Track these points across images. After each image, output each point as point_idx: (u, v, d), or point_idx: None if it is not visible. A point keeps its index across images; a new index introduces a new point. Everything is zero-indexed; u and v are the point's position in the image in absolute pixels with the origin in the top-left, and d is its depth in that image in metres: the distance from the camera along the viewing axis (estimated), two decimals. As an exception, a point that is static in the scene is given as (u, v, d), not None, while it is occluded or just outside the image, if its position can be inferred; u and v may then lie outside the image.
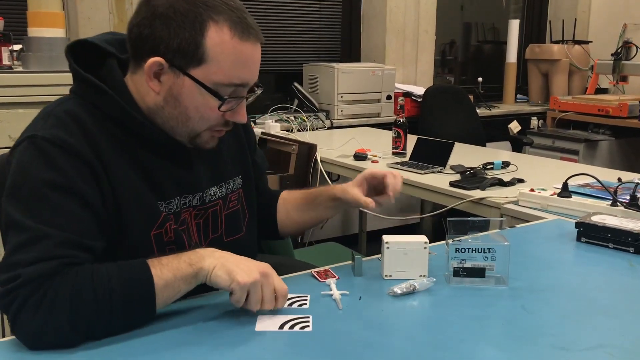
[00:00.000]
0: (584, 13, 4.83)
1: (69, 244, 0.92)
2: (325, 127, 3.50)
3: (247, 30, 1.02)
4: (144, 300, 0.92)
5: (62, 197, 0.94)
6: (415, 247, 1.15)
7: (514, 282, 1.15)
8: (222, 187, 1.20)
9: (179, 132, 1.07)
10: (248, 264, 0.97)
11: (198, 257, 0.96)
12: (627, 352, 0.91)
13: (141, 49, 1.02)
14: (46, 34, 2.43)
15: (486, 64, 4.93)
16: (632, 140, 3.92)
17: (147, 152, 1.06)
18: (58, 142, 0.96)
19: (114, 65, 1.07)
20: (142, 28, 1.01)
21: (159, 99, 1.04)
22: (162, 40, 0.99)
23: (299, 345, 0.91)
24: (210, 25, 0.99)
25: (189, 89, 1.02)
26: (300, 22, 3.96)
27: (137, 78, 1.06)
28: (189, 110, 1.04)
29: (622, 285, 1.19)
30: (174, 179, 1.09)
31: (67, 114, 1.00)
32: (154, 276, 0.92)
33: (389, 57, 4.05)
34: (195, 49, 0.99)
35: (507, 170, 2.33)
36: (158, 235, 1.06)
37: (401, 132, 2.63)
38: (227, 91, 1.03)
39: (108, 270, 0.91)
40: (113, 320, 0.90)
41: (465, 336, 0.95)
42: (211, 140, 1.10)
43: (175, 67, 1.01)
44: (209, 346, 0.90)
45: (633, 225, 1.36)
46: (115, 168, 1.01)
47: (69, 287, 0.88)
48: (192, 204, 1.13)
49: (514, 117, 4.10)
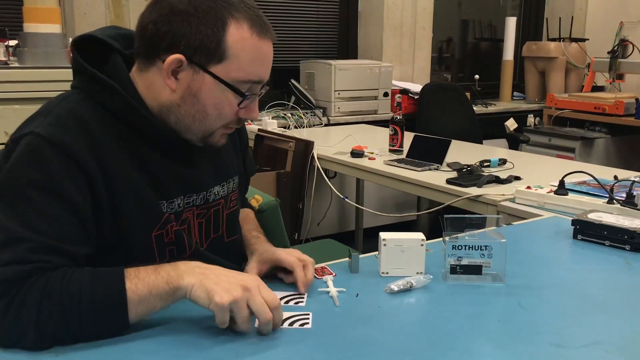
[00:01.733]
0: (580, 11, 4.84)
1: (46, 248, 0.89)
2: (322, 124, 3.50)
3: (264, 28, 1.03)
4: (114, 314, 0.88)
5: (46, 199, 0.91)
6: (412, 244, 1.15)
7: (510, 279, 1.15)
8: (224, 186, 1.19)
9: (193, 130, 1.05)
10: (230, 279, 0.91)
11: (177, 274, 0.91)
12: (623, 349, 0.92)
13: (157, 45, 1.00)
14: (42, 30, 2.43)
15: (483, 62, 4.94)
16: (628, 138, 3.93)
17: (151, 151, 1.04)
18: (54, 141, 0.93)
19: (119, 61, 1.05)
20: (160, 25, 0.99)
21: (175, 96, 1.02)
22: (183, 37, 0.98)
23: (297, 343, 0.91)
24: (231, 22, 0.99)
25: (209, 86, 1.01)
26: (297, 19, 3.96)
27: (147, 75, 1.04)
28: (207, 107, 1.03)
29: (618, 282, 1.19)
30: (178, 178, 1.08)
31: (69, 112, 0.98)
32: (127, 290, 0.88)
33: (386, 54, 4.05)
34: (217, 46, 0.99)
35: (503, 167, 2.33)
36: (159, 236, 1.05)
37: (398, 129, 2.63)
38: (245, 87, 1.03)
39: (81, 278, 0.88)
40: (82, 329, 0.86)
41: (462, 333, 0.95)
42: (222, 138, 1.09)
43: (195, 64, 1.00)
44: (210, 343, 0.90)
45: (629, 222, 1.36)
46: (116, 169, 0.99)
47: (37, 292, 0.85)
48: (196, 203, 1.12)
49: (510, 114, 4.10)
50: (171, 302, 0.92)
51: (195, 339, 0.91)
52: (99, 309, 0.87)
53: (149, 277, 0.91)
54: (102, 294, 0.88)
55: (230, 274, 0.94)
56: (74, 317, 0.86)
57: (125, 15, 3.15)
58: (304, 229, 3.13)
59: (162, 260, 1.05)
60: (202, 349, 0.89)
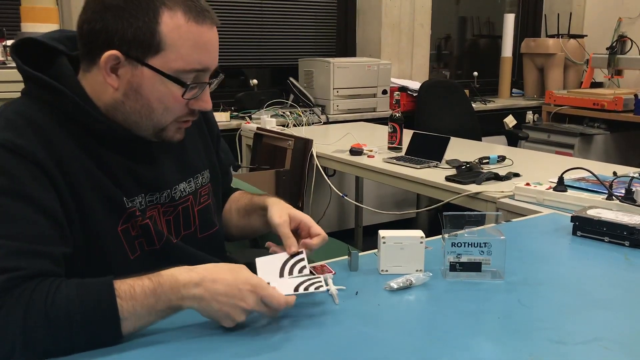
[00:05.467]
0: (579, 7, 4.84)
1: (20, 253, 0.86)
2: (321, 122, 3.49)
3: (201, 13, 0.99)
4: (109, 331, 0.86)
5: (13, 203, 0.88)
6: (412, 242, 1.15)
7: (510, 276, 1.15)
8: (190, 182, 1.16)
9: (143, 126, 1.03)
10: (233, 296, 0.90)
11: (177, 297, 0.89)
12: (622, 345, 0.92)
13: (94, 44, 0.98)
14: (40, 29, 2.42)
15: (482, 58, 4.93)
16: (627, 134, 3.93)
17: (107, 150, 1.02)
18: (9, 145, 0.90)
19: (64, 63, 1.02)
20: (94, 23, 0.97)
21: (118, 94, 1.00)
22: (116, 32, 0.95)
23: (296, 341, 0.91)
24: (163, 11, 0.96)
25: (150, 80, 0.98)
26: (295, 16, 3.95)
27: (91, 76, 1.01)
28: (151, 102, 1.00)
29: (618, 278, 1.19)
30: (137, 177, 1.05)
31: (18, 115, 0.95)
32: (124, 312, 0.86)
33: (384, 52, 4.05)
34: (151, 37, 0.96)
35: (502, 164, 2.33)
36: (125, 230, 1.02)
37: (397, 127, 2.63)
38: (189, 77, 1.00)
39: (67, 296, 0.85)
40: (74, 346, 0.84)
41: (462, 330, 0.95)
42: (178, 132, 1.06)
43: (133, 59, 0.97)
44: (209, 343, 0.90)
45: (628, 218, 1.36)
46: (74, 168, 0.96)
47: (21, 311, 0.82)
48: (160, 202, 1.09)
49: (509, 111, 4.10)
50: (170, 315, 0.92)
51: (193, 338, 0.91)
52: (91, 329, 0.85)
53: (147, 300, 0.88)
54: (92, 315, 0.84)
55: (231, 287, 0.91)
56: (63, 336, 0.83)
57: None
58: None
59: (134, 255, 1.04)
60: (202, 348, 0.89)
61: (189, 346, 0.89)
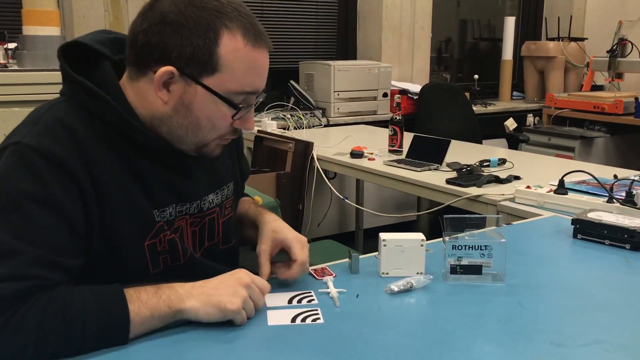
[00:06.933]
0: (579, 10, 4.85)
1: (42, 261, 0.87)
2: (321, 125, 3.50)
3: (259, 37, 0.99)
4: (117, 337, 0.88)
5: (40, 210, 0.89)
6: (412, 245, 1.15)
7: (510, 279, 1.15)
8: (218, 193, 1.17)
9: (186, 141, 1.03)
10: (227, 284, 0.96)
11: (178, 297, 0.92)
12: (623, 347, 0.92)
13: (148, 57, 0.97)
14: (41, 32, 2.43)
15: (482, 61, 4.94)
16: (627, 137, 3.93)
17: (144, 159, 1.02)
18: (43, 151, 0.91)
19: (108, 68, 1.02)
20: (150, 35, 0.96)
21: (167, 108, 1.00)
22: (174, 49, 0.95)
23: (297, 343, 0.91)
24: (223, 33, 0.96)
25: (202, 98, 0.98)
26: (296, 20, 3.96)
27: (138, 85, 1.01)
28: (200, 119, 1.00)
29: (619, 281, 1.19)
30: (170, 186, 1.05)
31: (57, 121, 0.96)
32: (130, 313, 0.88)
33: (385, 55, 4.05)
34: (209, 58, 0.96)
35: (503, 167, 2.33)
36: (152, 245, 1.03)
37: (397, 130, 2.63)
38: (239, 99, 1.00)
39: (83, 301, 0.87)
40: (82, 349, 0.86)
41: (463, 333, 0.95)
42: (217, 148, 1.07)
43: (187, 76, 0.97)
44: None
45: (629, 221, 1.36)
46: (106, 178, 0.96)
47: (38, 314, 0.84)
48: (189, 212, 1.10)
49: (510, 114, 4.10)
50: (170, 322, 0.93)
51: (193, 340, 0.91)
52: (103, 334, 0.87)
53: (150, 300, 0.91)
54: (106, 319, 0.87)
55: (222, 279, 0.98)
56: (76, 341, 0.85)
57: (124, 17, 3.15)
58: (304, 230, 3.13)
59: (155, 270, 1.04)
60: (202, 348, 0.89)
61: (188, 347, 0.89)
